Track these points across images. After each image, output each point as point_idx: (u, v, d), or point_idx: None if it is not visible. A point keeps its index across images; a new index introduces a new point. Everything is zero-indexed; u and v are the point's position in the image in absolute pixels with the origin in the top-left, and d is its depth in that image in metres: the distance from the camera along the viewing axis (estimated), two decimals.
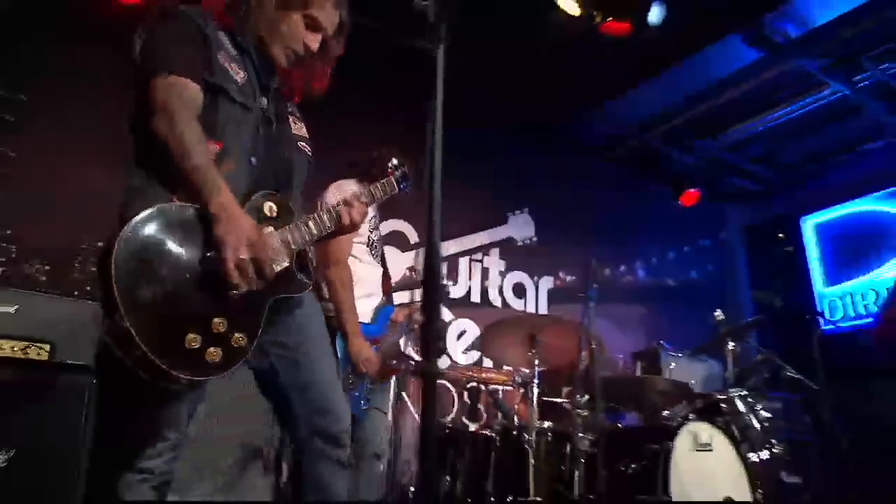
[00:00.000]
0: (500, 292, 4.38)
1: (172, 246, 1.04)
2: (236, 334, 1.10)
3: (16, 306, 2.15)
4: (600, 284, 4.10)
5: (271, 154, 1.32)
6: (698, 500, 2.58)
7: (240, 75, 1.25)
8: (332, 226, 1.35)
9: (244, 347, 1.12)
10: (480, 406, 3.62)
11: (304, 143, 1.46)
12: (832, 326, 4.35)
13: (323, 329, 1.47)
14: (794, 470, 3.42)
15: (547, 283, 4.56)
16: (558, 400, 2.98)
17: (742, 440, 2.88)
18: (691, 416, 2.75)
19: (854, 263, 4.44)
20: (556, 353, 2.66)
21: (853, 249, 4.49)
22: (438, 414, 3.65)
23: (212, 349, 1.05)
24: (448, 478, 2.87)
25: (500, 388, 3.75)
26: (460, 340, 4.20)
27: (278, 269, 1.17)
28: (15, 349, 2.05)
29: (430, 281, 0.85)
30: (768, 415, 3.14)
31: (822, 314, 4.40)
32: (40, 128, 3.01)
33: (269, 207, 1.23)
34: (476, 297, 4.17)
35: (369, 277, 2.31)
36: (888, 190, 4.31)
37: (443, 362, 3.95)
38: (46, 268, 2.93)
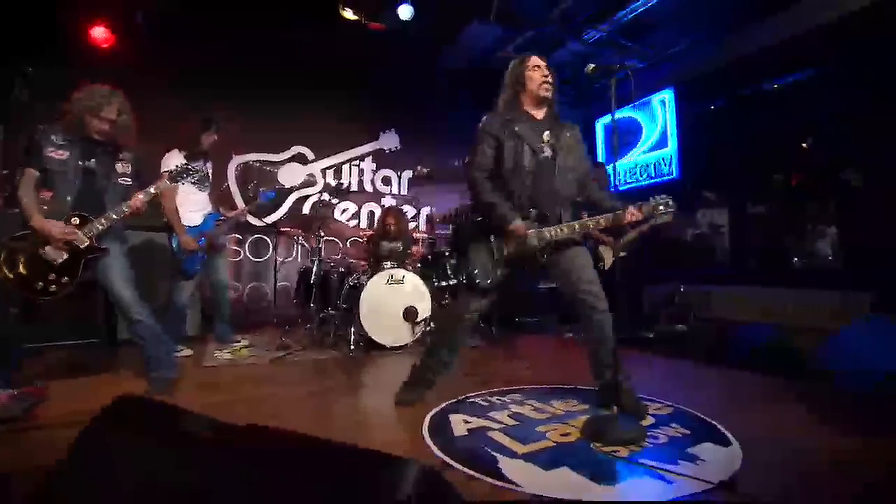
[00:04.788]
0: (372, 183, 5.36)
1: (26, 245, 1.92)
2: (63, 278, 1.97)
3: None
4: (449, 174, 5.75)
5: (85, 192, 2.01)
6: (388, 310, 3.23)
7: (64, 156, 1.98)
8: (120, 217, 2.04)
9: (68, 283, 1.96)
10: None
11: (125, 178, 2.12)
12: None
13: (118, 256, 2.09)
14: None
15: (407, 174, 5.54)
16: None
17: (433, 277, 3.68)
18: (390, 264, 3.40)
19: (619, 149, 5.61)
20: (335, 233, 3.99)
21: (620, 140, 5.62)
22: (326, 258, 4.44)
23: (52, 286, 1.95)
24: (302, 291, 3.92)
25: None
26: (343, 214, 5.24)
27: (82, 246, 1.96)
28: None
29: None
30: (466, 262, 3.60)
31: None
32: None
33: (73, 220, 1.99)
34: (354, 188, 5.24)
35: (198, 199, 3.07)
36: (633, 104, 5.31)
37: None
38: None
